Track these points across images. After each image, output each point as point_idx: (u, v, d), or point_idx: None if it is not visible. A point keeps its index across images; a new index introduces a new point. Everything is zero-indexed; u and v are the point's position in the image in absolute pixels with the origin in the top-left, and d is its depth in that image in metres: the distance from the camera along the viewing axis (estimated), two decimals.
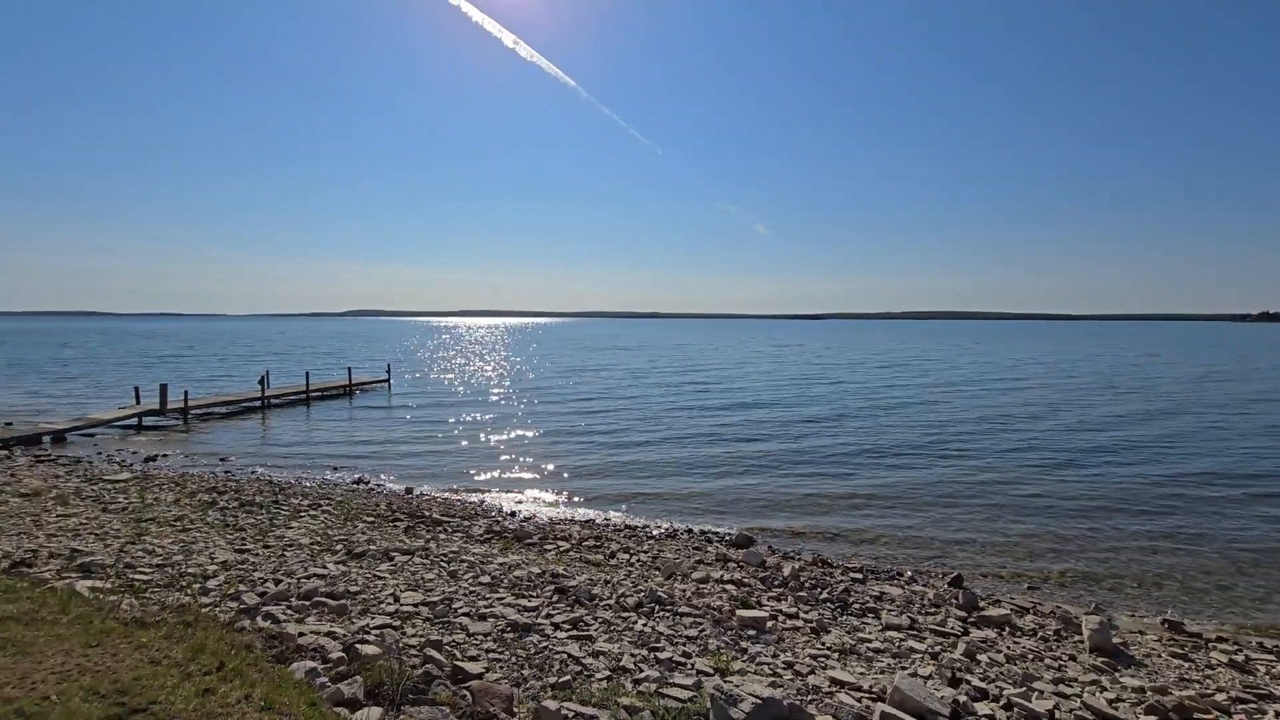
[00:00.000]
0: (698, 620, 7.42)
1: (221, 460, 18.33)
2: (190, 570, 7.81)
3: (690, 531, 12.69)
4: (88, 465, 16.62)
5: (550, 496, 15.29)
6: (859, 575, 10.18)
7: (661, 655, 6.18)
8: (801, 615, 8.16)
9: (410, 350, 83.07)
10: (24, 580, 6.37)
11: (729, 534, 12.47)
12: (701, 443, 21.41)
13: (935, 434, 22.82)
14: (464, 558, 9.47)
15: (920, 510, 14.07)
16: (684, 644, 6.67)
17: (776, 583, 9.53)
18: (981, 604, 9.05)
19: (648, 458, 19.26)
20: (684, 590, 8.67)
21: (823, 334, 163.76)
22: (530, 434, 23.22)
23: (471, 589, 7.94)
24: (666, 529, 12.87)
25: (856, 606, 8.71)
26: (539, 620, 6.89)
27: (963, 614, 8.65)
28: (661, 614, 7.56)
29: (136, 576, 7.36)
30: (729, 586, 9.07)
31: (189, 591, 6.91)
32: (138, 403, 24.88)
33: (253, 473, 16.73)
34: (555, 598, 7.76)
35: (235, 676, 4.07)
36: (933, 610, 8.77)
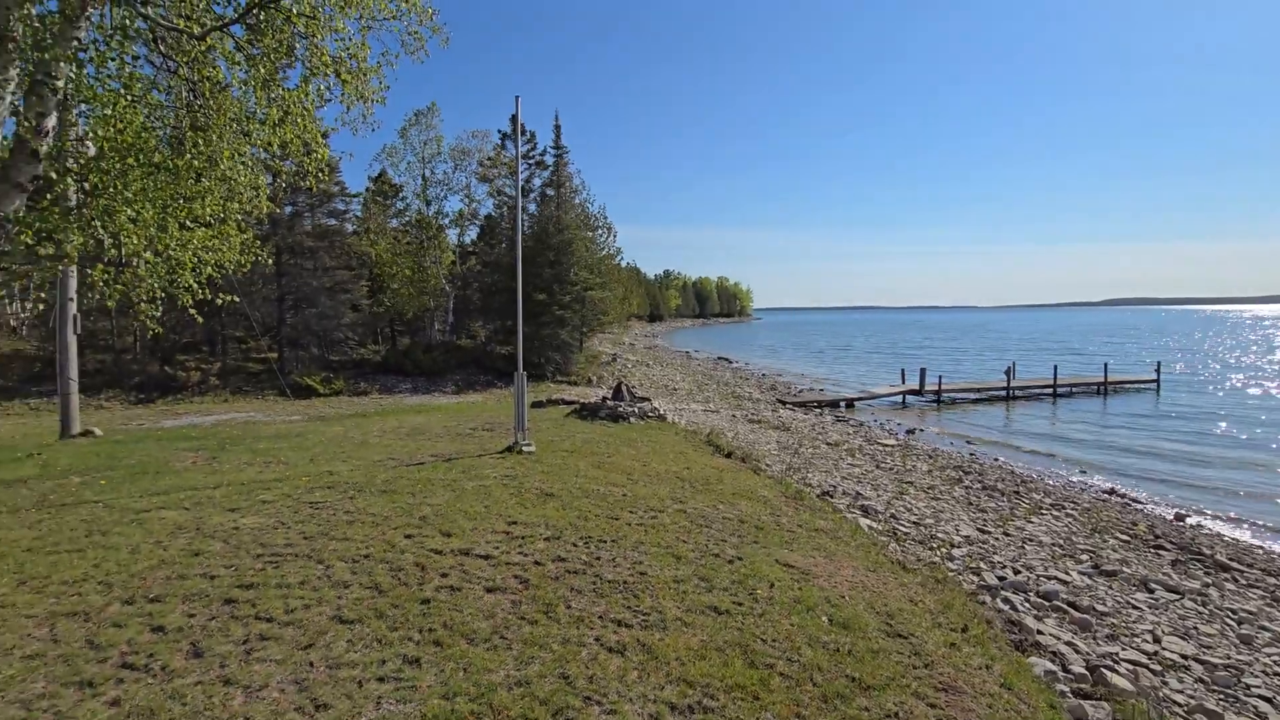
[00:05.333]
0: None
1: (968, 442, 19.62)
2: (939, 535, 8.78)
3: None
4: (867, 429, 20.83)
5: None
6: None
7: None
8: None
9: (1189, 346, 66.90)
10: (829, 505, 8.61)
11: None
12: None
13: None
14: (1266, 623, 7.10)
15: None
16: None
17: None
18: None
19: None
20: None
21: None
22: None
23: (1278, 667, 5.90)
24: None
25: None
26: None
27: None
28: None
29: (899, 527, 8.82)
30: None
31: (938, 553, 7.79)
32: (903, 382, 29.40)
33: (995, 459, 17.21)
34: None
35: (977, 644, 4.37)
36: None
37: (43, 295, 8.83)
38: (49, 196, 7.64)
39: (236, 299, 10.04)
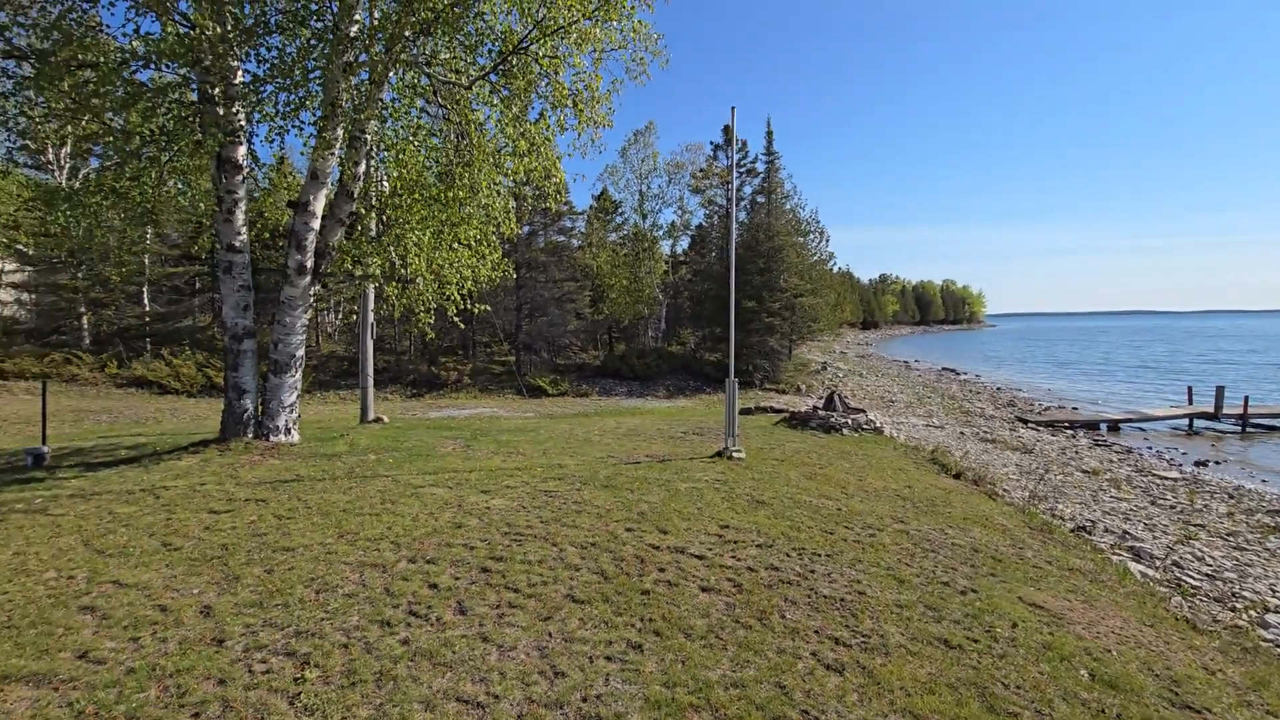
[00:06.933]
0: None
1: None
2: (1245, 593, 7.08)
3: None
4: (1138, 456, 17.46)
5: None
6: None
7: None
8: None
9: None
10: (1085, 542, 7.40)
11: None
12: None
13: None
14: None
15: None
16: None
17: None
18: None
19: None
20: None
21: None
22: None
23: None
24: None
25: None
26: None
27: None
28: None
29: (1184, 578, 7.28)
30: None
31: (1243, 616, 6.29)
32: (1190, 403, 24.13)
33: None
34: None
35: None
36: None
37: (353, 308, 11.05)
38: (359, 228, 9.54)
39: (487, 309, 11.59)
